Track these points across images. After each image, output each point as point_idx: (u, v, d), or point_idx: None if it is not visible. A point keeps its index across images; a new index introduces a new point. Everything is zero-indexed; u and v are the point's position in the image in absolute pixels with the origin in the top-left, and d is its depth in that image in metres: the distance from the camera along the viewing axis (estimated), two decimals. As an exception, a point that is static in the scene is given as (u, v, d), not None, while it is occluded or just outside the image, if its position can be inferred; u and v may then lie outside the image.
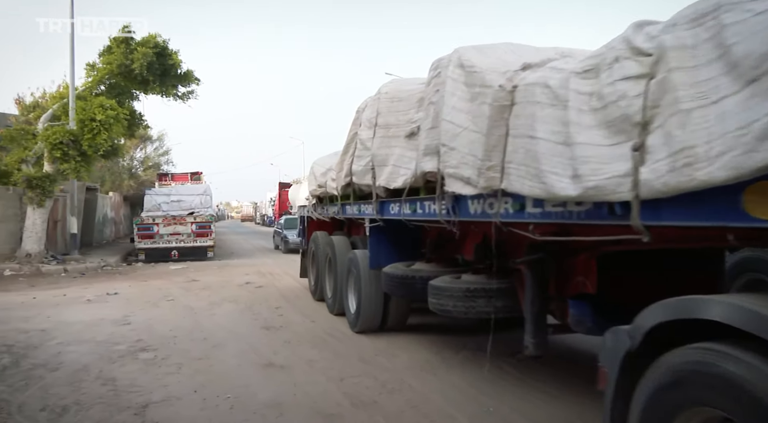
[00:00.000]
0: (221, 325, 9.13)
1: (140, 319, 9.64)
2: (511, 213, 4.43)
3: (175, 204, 22.38)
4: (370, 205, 7.61)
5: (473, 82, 4.78)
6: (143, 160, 41.00)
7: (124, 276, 16.58)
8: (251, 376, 6.25)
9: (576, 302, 4.62)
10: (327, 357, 7.02)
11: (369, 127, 7.29)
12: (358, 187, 8.07)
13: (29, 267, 16.83)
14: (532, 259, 4.89)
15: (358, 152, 7.75)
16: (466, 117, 4.75)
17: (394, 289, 7.07)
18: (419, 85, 6.32)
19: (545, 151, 3.71)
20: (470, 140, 4.64)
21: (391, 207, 7.07)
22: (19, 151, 18.20)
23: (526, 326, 4.90)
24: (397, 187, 6.58)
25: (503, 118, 4.26)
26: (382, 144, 6.90)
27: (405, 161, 6.35)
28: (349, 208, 8.84)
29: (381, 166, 6.96)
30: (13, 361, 6.90)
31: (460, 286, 5.62)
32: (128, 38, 19.11)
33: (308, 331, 8.58)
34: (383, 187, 6.96)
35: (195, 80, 20.75)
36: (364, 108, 7.73)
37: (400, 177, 6.45)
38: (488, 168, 4.36)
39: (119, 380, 6.11)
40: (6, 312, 10.26)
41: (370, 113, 7.33)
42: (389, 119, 6.83)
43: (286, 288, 13.41)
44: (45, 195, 17.59)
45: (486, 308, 5.44)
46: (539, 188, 3.78)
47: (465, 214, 5.23)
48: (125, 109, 19.07)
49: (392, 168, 6.65)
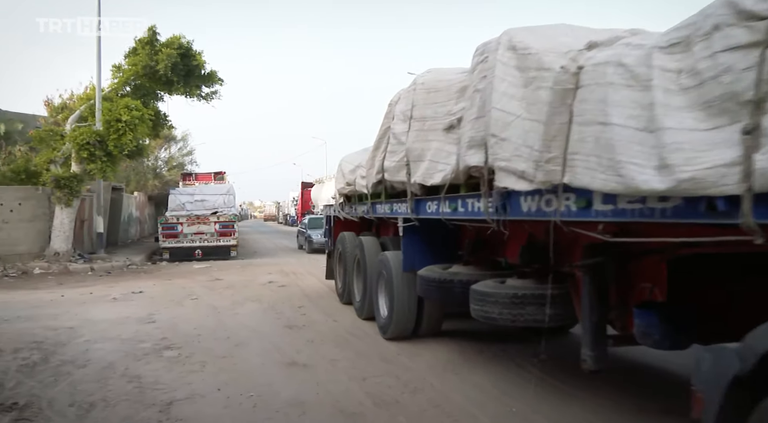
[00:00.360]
0: (244, 323, 9.14)
1: (165, 317, 9.67)
2: (573, 211, 3.93)
3: (199, 203, 22.54)
4: (404, 203, 7.17)
5: (527, 65, 4.33)
6: (167, 160, 41.30)
7: (149, 275, 16.69)
8: (274, 375, 6.26)
9: (642, 312, 4.09)
10: (349, 356, 7.01)
11: (403, 120, 6.89)
12: (390, 185, 7.63)
13: (57, 265, 17.04)
14: (591, 262, 4.38)
15: (390, 147, 7.32)
16: (519, 104, 4.30)
17: (431, 294, 6.59)
18: (459, 75, 5.93)
19: (622, 139, 3.25)
20: (524, 130, 4.19)
21: (428, 205, 6.57)
22: (47, 152, 18.39)
23: (583, 337, 4.42)
24: (434, 183, 6.11)
25: (565, 104, 3.81)
26: (418, 138, 6.46)
27: (443, 156, 5.89)
28: (380, 207, 8.40)
29: (416, 162, 6.52)
30: (42, 357, 7.00)
31: (508, 291, 5.09)
32: (153, 40, 19.31)
33: (331, 330, 8.56)
34: (419, 183, 6.51)
35: (218, 81, 20.82)
36: (398, 100, 7.32)
37: (437, 173, 5.98)
38: (547, 160, 3.89)
39: (144, 378, 6.16)
40: (36, 309, 10.39)
41: (405, 105, 6.91)
42: (426, 111, 6.36)
43: (308, 287, 13.38)
44: (72, 195, 17.77)
45: (536, 316, 4.94)
46: (615, 182, 3.29)
47: (516, 213, 4.70)
48: (150, 110, 19.19)
49: (429, 163, 6.19)
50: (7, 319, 9.45)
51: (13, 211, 17.66)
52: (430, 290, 6.51)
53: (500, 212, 4.85)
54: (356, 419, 4.94)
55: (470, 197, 5.50)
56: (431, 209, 6.50)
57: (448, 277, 6.28)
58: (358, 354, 7.13)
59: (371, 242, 9.19)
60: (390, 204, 7.93)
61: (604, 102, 3.45)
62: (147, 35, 19.35)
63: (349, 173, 9.91)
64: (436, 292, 6.42)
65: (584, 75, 3.73)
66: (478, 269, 6.30)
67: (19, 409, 5.15)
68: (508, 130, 4.39)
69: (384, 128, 7.66)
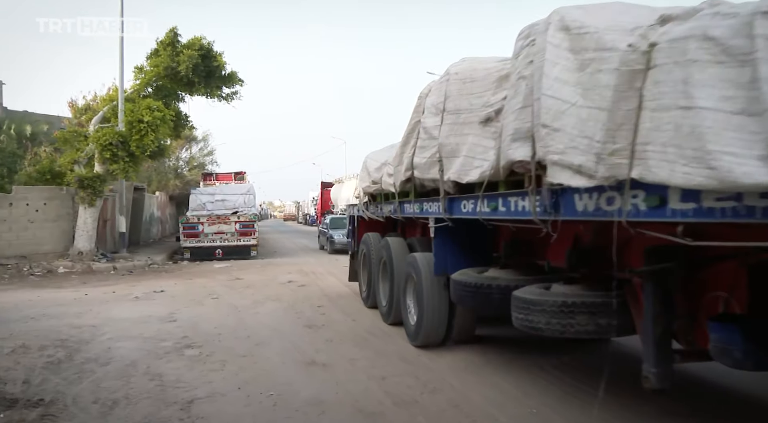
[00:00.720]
0: (264, 323, 9.15)
1: (186, 316, 9.72)
2: (643, 210, 3.43)
3: (220, 203, 22.64)
4: (436, 202, 6.72)
5: (584, 46, 3.86)
6: (188, 160, 41.55)
7: (170, 274, 16.80)
8: (294, 374, 6.29)
9: (720, 325, 3.57)
10: (368, 356, 7.03)
11: (435, 113, 6.41)
12: (420, 183, 7.16)
13: (81, 264, 17.21)
14: (657, 268, 3.84)
15: (421, 143, 6.84)
16: (574, 90, 3.84)
17: (465, 300, 6.07)
18: (497, 63, 5.53)
19: (713, 125, 2.80)
20: (581, 118, 3.72)
21: (463, 205, 6.08)
22: (71, 153, 18.57)
23: (645, 352, 3.92)
24: (470, 181, 5.59)
25: (634, 88, 3.33)
26: (452, 132, 5.95)
27: (480, 151, 5.38)
28: (409, 206, 7.96)
29: (450, 158, 6.00)
30: (67, 355, 7.10)
31: (556, 299, 4.55)
32: (174, 41, 19.47)
33: (350, 329, 8.57)
34: (453, 181, 6.01)
35: (239, 81, 20.88)
36: (428, 92, 6.83)
37: (474, 169, 5.47)
38: (611, 152, 3.42)
39: (166, 376, 6.21)
40: (60, 308, 10.51)
41: (437, 98, 6.41)
42: (460, 103, 5.86)
43: (328, 287, 13.35)
44: (96, 195, 17.94)
45: (587, 327, 4.42)
46: (703, 176, 2.82)
47: (570, 212, 4.19)
48: (171, 111, 19.27)
49: (464, 159, 5.67)
50: (33, 317, 9.57)
51: (39, 211, 17.91)
52: (466, 296, 6.00)
53: (550, 212, 4.38)
54: (376, 419, 4.95)
55: (513, 195, 5.03)
56: (467, 209, 6.02)
57: (485, 282, 5.78)
58: (378, 353, 7.13)
59: (398, 243, 8.77)
60: (420, 203, 7.50)
61: (686, 83, 2.99)
62: (168, 37, 19.51)
63: (374, 171, 9.50)
64: (472, 298, 5.91)
65: (658, 53, 3.24)
66: (517, 273, 5.82)
67: (45, 405, 5.24)
68: (562, 119, 3.92)
69: (413, 123, 7.21)
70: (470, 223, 6.20)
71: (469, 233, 6.64)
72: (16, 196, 17.58)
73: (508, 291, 5.16)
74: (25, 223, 17.60)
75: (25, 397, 5.41)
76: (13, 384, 5.86)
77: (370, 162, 9.89)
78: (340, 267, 17.42)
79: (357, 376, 6.16)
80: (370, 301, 10.11)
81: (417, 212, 7.62)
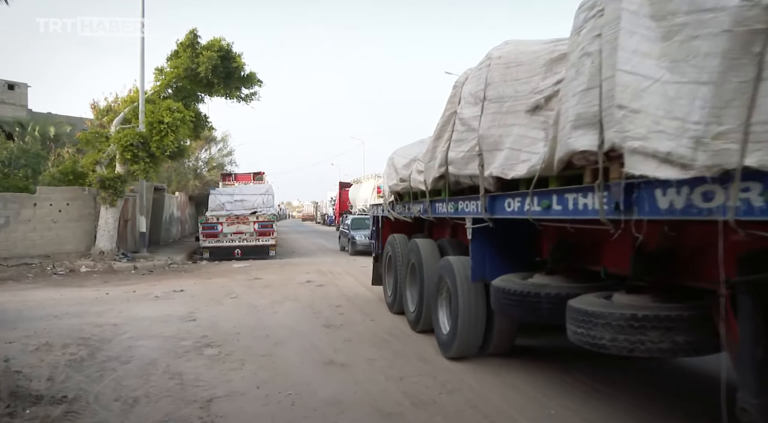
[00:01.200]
0: (283, 322, 9.22)
1: (205, 315, 9.82)
2: (759, 206, 2.78)
3: (239, 203, 22.80)
4: (474, 201, 6.12)
5: (671, 9, 3.26)
6: (208, 161, 41.88)
7: (190, 274, 16.97)
8: (312, 374, 6.32)
9: None
10: (387, 356, 7.04)
11: (474, 102, 5.87)
12: (455, 180, 6.60)
13: (102, 264, 17.46)
14: (760, 278, 3.17)
15: (457, 135, 6.29)
16: (657, 63, 3.26)
17: (509, 309, 5.41)
18: (546, 45, 5.05)
19: None
20: (668, 97, 3.15)
21: (507, 203, 5.42)
22: (93, 153, 18.83)
23: (742, 379, 3.27)
24: (517, 176, 5.01)
25: (751, 53, 2.72)
26: (494, 122, 5.40)
27: (527, 143, 4.88)
28: (441, 205, 7.36)
29: (492, 151, 5.43)
30: (89, 353, 7.21)
31: (624, 311, 3.90)
32: (194, 42, 19.63)
33: (368, 329, 8.60)
34: (495, 177, 5.45)
35: (258, 82, 21.02)
36: (465, 80, 6.30)
37: (520, 163, 4.93)
38: (715, 135, 2.85)
39: (185, 375, 6.28)
40: (82, 307, 10.69)
41: (476, 85, 5.88)
42: (504, 90, 5.31)
43: (346, 287, 13.41)
44: (117, 195, 18.18)
45: (662, 344, 3.78)
46: None
47: (651, 211, 3.46)
48: (191, 112, 19.46)
49: (509, 152, 5.12)
50: (56, 315, 9.75)
51: (62, 211, 18.19)
52: (509, 305, 5.35)
53: (622, 210, 3.66)
54: (394, 419, 4.96)
55: (571, 192, 4.36)
56: (512, 208, 5.33)
57: (532, 289, 5.13)
58: (396, 354, 7.14)
59: (428, 246, 8.28)
60: (454, 202, 6.86)
61: None
62: (188, 38, 19.67)
63: (402, 168, 8.92)
64: (517, 307, 5.26)
65: None
66: (568, 280, 5.17)
67: (68, 402, 5.34)
68: (643, 98, 3.32)
69: (447, 114, 6.65)
70: (511, 224, 5.70)
71: (509, 235, 6.07)
72: (40, 196, 17.89)
73: (559, 300, 4.68)
74: (48, 223, 17.89)
75: (50, 394, 5.53)
76: (38, 381, 6.00)
77: (398, 159, 9.38)
78: (358, 267, 17.48)
79: (375, 376, 6.19)
80: (396, 306, 9.59)
81: (451, 212, 7.02)
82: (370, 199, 39.17)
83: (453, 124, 6.45)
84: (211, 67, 19.00)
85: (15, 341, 7.78)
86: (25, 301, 11.40)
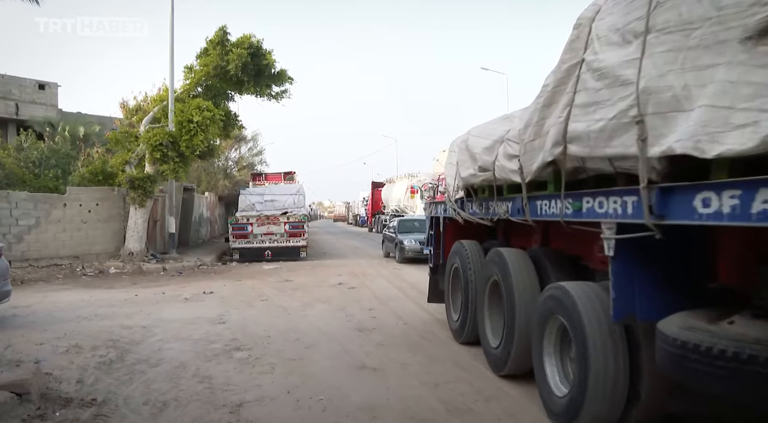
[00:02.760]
0: (314, 325, 9.25)
1: (235, 318, 9.91)
2: None
3: (269, 204, 22.96)
4: (620, 197, 4.12)
5: None
6: (237, 160, 42.27)
7: (219, 275, 17.15)
8: (344, 379, 6.34)
9: None
10: (421, 361, 7.02)
11: (621, 42, 4.06)
12: (578, 166, 4.71)
13: (131, 265, 17.77)
14: None
15: (586, 97, 4.37)
16: None
17: (701, 376, 3.38)
18: None
19: None
20: None
21: (703, 200, 3.33)
22: (123, 153, 19.18)
23: None
24: (726, 151, 3.04)
25: None
26: (673, 65, 3.49)
27: (748, 94, 2.98)
28: (550, 203, 5.27)
29: (667, 114, 3.52)
30: (118, 355, 7.34)
31: None
32: (224, 40, 19.84)
33: (402, 333, 8.59)
34: (671, 156, 3.52)
35: (288, 79, 21.15)
36: (598, 12, 4.48)
37: (734, 130, 3.00)
38: None
39: (215, 378, 6.35)
40: (111, 308, 10.88)
41: (626, 14, 4.05)
42: (692, 11, 3.39)
43: (378, 289, 13.42)
44: (146, 195, 18.48)
45: None
46: None
47: None
48: (221, 110, 19.66)
49: (707, 112, 3.17)
50: (86, 317, 9.95)
51: (91, 212, 18.59)
52: (709, 372, 3.32)
53: None
54: (428, 426, 4.94)
55: None
56: (714, 208, 3.26)
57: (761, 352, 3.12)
58: (431, 358, 7.12)
59: (519, 259, 6.33)
60: (577, 199, 4.74)
61: None
62: (217, 36, 19.88)
63: (483, 153, 6.86)
64: (729, 377, 3.24)
65: None
66: None
67: (97, 405, 5.45)
68: None
69: (566, 68, 4.74)
70: (679, 234, 3.84)
71: (674, 250, 4.16)
72: (70, 196, 18.30)
73: None
74: (78, 224, 18.30)
75: (79, 397, 5.65)
76: (68, 383, 6.13)
77: (475, 141, 7.24)
78: (391, 269, 17.48)
79: (409, 382, 6.18)
80: (467, 335, 7.69)
81: (569, 214, 4.86)
82: (403, 200, 39.24)
83: (577, 80, 4.56)
84: (241, 64, 19.19)
85: (45, 343, 7.96)
86: (56, 302, 11.66)
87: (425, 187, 35.40)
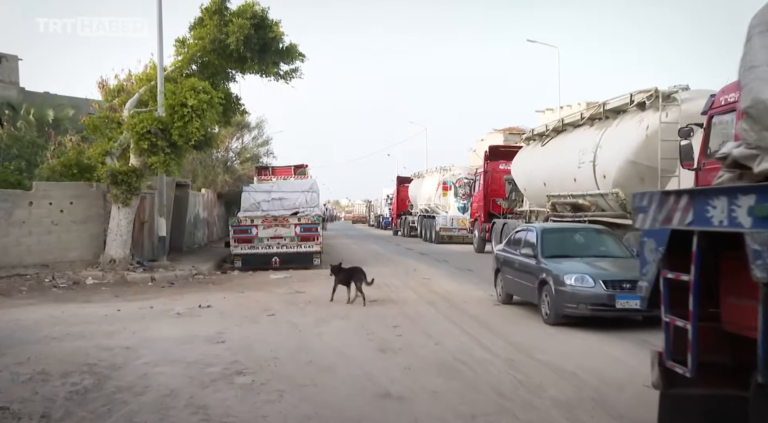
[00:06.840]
0: (329, 345, 9.23)
1: (236, 336, 9.88)
2: None
3: (277, 202, 22.92)
4: None
5: None
6: (240, 152, 42.45)
7: (218, 286, 17.17)
8: (364, 408, 6.33)
9: None
10: (455, 388, 6.98)
11: None
12: None
13: (113, 275, 17.73)
14: None
15: None
16: None
17: None
18: None
19: None
20: None
21: None
22: (103, 143, 19.10)
23: None
24: None
25: None
26: None
27: None
28: None
29: None
30: (95, 382, 7.27)
31: None
32: (222, 8, 19.61)
33: (432, 354, 8.55)
34: None
35: (299, 56, 20.83)
36: None
37: None
38: None
39: (212, 408, 6.31)
40: (88, 326, 10.85)
41: None
42: None
43: (404, 303, 13.39)
44: (131, 192, 18.37)
45: None
46: None
47: None
48: (220, 92, 19.37)
49: None
50: (55, 337, 9.90)
51: (64, 212, 18.48)
52: None
53: None
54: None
55: None
56: None
57: None
58: (467, 385, 7.06)
59: None
60: None
61: None
62: (214, 3, 19.61)
63: None
64: None
65: None
66: None
67: (66, 447, 5.39)
68: None
69: None
70: None
71: None
72: (37, 193, 18.14)
73: None
74: (47, 226, 18.21)
75: (43, 437, 5.57)
76: (29, 419, 6.02)
77: None
78: (419, 279, 17.41)
79: (440, 414, 6.14)
80: None
81: None
82: (433, 198, 39.09)
83: None
84: (242, 37, 19.00)
85: (2, 370, 7.83)
86: (18, 320, 11.55)
87: (460, 182, 35.23)
